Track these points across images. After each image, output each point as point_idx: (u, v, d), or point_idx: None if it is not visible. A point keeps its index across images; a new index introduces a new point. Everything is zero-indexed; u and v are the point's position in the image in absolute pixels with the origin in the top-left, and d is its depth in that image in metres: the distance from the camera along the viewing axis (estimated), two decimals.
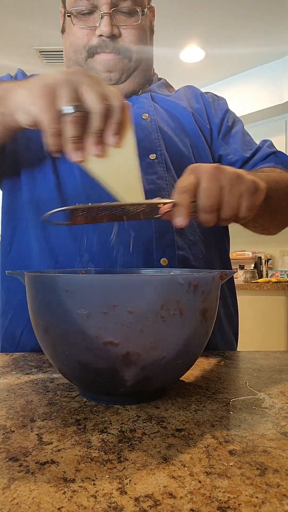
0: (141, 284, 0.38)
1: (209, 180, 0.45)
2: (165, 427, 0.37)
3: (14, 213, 0.76)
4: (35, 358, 0.64)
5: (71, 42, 0.75)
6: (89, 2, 0.71)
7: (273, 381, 0.51)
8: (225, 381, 0.51)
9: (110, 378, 0.40)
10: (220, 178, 0.46)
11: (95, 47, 0.73)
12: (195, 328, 0.41)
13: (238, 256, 3.66)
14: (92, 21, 0.72)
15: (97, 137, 0.45)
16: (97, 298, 0.37)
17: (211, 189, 0.45)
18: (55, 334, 0.41)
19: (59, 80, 0.43)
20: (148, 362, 0.39)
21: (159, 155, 0.73)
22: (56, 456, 0.32)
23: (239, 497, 0.26)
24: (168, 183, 0.72)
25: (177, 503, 0.26)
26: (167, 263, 0.68)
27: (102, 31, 0.71)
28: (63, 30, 0.79)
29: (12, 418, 0.39)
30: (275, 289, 2.89)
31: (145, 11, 0.74)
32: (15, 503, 0.26)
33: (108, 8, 0.70)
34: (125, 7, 0.71)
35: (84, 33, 0.73)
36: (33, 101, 0.44)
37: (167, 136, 0.76)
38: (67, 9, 0.74)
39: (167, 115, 0.80)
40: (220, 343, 0.76)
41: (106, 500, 0.26)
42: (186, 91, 0.89)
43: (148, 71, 0.81)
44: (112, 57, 0.73)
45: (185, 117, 0.81)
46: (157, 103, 0.80)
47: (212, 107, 0.86)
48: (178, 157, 0.75)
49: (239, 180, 0.46)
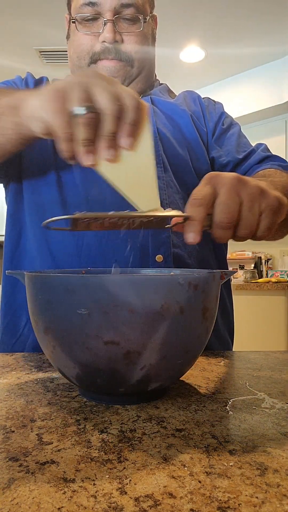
0: (142, 284, 0.37)
1: (228, 193, 0.41)
2: (165, 427, 0.37)
3: (19, 216, 0.77)
4: (35, 358, 0.64)
5: (75, 48, 0.77)
6: (93, 8, 0.73)
7: (273, 381, 0.51)
8: (225, 381, 0.51)
9: (110, 378, 0.40)
10: (240, 191, 0.41)
11: (98, 54, 0.74)
12: (195, 328, 0.41)
13: (238, 256, 3.66)
14: (96, 28, 0.74)
15: (109, 140, 0.42)
16: (97, 298, 0.37)
17: (230, 204, 0.40)
18: (55, 334, 0.41)
19: (70, 83, 0.42)
20: (148, 362, 0.39)
21: (157, 156, 0.74)
22: (56, 456, 0.32)
23: (239, 497, 0.26)
24: (165, 183, 0.73)
25: (177, 503, 0.26)
26: (162, 260, 0.69)
27: (105, 37, 0.73)
28: (68, 37, 0.81)
29: (12, 418, 0.39)
30: (275, 289, 2.89)
31: (147, 19, 0.76)
32: (15, 503, 0.26)
33: (112, 15, 0.72)
34: (128, 14, 0.73)
35: (88, 39, 0.75)
36: (44, 106, 0.42)
37: (165, 138, 0.77)
38: (72, 15, 0.76)
39: (166, 118, 0.81)
40: (215, 343, 0.76)
41: (106, 500, 0.26)
42: (185, 96, 0.90)
43: (150, 77, 0.83)
44: (115, 64, 0.75)
45: (184, 119, 0.82)
46: (156, 106, 0.82)
47: (207, 110, 0.87)
48: (176, 158, 0.77)
49: (262, 196, 0.42)
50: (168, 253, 0.69)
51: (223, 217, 0.41)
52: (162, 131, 0.77)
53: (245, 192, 0.41)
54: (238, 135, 0.85)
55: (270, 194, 0.43)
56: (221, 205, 0.41)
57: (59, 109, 0.41)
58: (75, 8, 0.75)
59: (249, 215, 0.41)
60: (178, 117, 0.82)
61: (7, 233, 0.79)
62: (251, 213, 0.41)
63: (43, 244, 0.73)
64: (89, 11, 0.73)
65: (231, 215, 0.41)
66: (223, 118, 0.87)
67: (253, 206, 0.41)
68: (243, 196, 0.41)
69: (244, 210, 0.41)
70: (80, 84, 0.41)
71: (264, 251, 3.64)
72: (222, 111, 0.89)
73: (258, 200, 0.42)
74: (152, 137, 0.44)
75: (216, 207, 0.41)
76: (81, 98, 0.40)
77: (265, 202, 0.42)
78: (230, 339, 0.84)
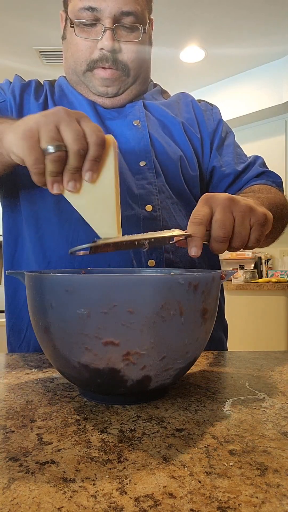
0: (141, 284, 0.38)
1: (223, 211, 0.47)
2: (165, 427, 0.37)
3: (16, 221, 0.78)
4: (35, 358, 0.64)
5: (72, 52, 0.76)
6: (93, 14, 0.71)
7: (273, 381, 0.51)
8: (225, 381, 0.51)
9: (110, 378, 0.40)
10: (233, 209, 0.48)
11: (95, 61, 0.74)
12: (195, 328, 0.41)
13: (238, 256, 3.66)
14: (95, 34, 0.73)
15: (72, 174, 0.47)
16: (97, 298, 0.37)
17: (225, 221, 0.47)
18: (55, 334, 0.41)
19: (40, 122, 0.46)
20: (148, 362, 0.39)
21: (149, 161, 0.75)
22: (56, 456, 0.32)
23: (239, 497, 0.26)
24: (157, 188, 0.74)
25: (177, 503, 0.26)
26: (155, 264, 0.70)
27: (104, 45, 0.72)
28: (64, 37, 0.79)
29: (12, 418, 0.39)
30: (275, 289, 2.89)
31: (146, 29, 0.75)
32: (15, 503, 0.26)
33: (111, 23, 0.71)
34: (128, 23, 0.72)
35: (86, 46, 0.74)
36: (18, 144, 0.47)
37: (158, 143, 0.78)
38: (70, 19, 0.74)
39: (158, 123, 0.81)
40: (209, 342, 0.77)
41: (106, 500, 0.26)
42: (179, 98, 0.90)
43: (145, 82, 0.83)
44: (110, 73, 0.74)
45: (175, 126, 0.82)
46: (149, 111, 0.82)
47: (205, 116, 0.87)
48: (167, 163, 0.77)
49: (251, 213, 0.49)
50: (161, 258, 0.70)
51: (220, 232, 0.47)
52: (154, 136, 0.78)
53: (237, 210, 0.48)
54: (234, 145, 0.87)
55: (258, 210, 0.50)
56: (218, 222, 0.47)
57: (31, 147, 0.46)
58: (73, 11, 0.73)
59: (241, 229, 0.48)
60: (169, 123, 0.82)
61: (5, 237, 0.79)
62: (243, 228, 0.48)
63: (37, 248, 0.73)
64: (88, 16, 0.71)
65: (226, 230, 0.47)
66: (221, 126, 0.87)
67: (244, 221, 0.48)
68: (235, 213, 0.48)
69: (237, 226, 0.48)
70: (49, 123, 0.46)
71: (264, 251, 3.64)
72: (219, 118, 0.89)
73: (248, 216, 0.49)
74: (115, 169, 0.49)
75: (213, 224, 0.47)
76: (51, 137, 0.45)
77: (254, 218, 0.49)
78: (224, 337, 0.84)
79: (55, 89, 0.82)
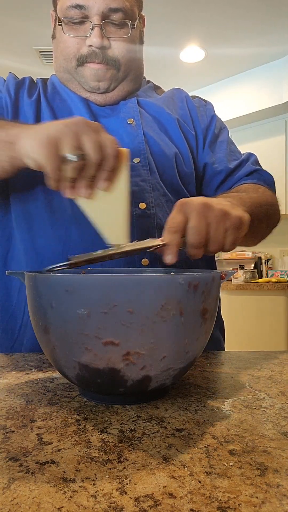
0: (141, 284, 0.38)
1: (197, 218, 0.48)
2: (165, 427, 0.37)
3: (7, 221, 0.77)
4: (35, 358, 0.64)
5: (61, 50, 0.76)
6: (81, 11, 0.71)
7: (273, 381, 0.51)
8: (225, 381, 0.51)
9: (110, 378, 0.40)
10: (207, 215, 0.48)
11: (85, 56, 0.74)
12: (195, 328, 0.41)
13: (238, 256, 3.66)
14: (83, 31, 0.73)
15: (88, 182, 0.50)
16: (97, 298, 0.37)
17: (199, 227, 0.48)
18: (55, 334, 0.41)
19: (62, 131, 0.48)
20: (148, 362, 0.39)
21: (143, 158, 0.75)
22: (56, 456, 0.32)
23: (239, 497, 0.26)
24: (151, 185, 0.74)
25: (177, 503, 0.26)
26: (148, 263, 0.70)
27: (92, 42, 0.72)
28: (54, 36, 0.79)
29: (12, 418, 0.39)
30: (275, 289, 2.89)
31: (135, 24, 0.75)
32: (15, 503, 0.26)
33: (99, 19, 0.71)
34: (116, 19, 0.72)
35: (74, 42, 0.74)
36: (38, 151, 0.49)
37: (152, 140, 0.77)
38: (59, 16, 0.74)
39: (153, 120, 0.81)
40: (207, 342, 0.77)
41: (106, 500, 0.26)
42: (173, 94, 0.89)
43: (137, 80, 0.83)
44: (101, 67, 0.74)
45: (171, 123, 0.82)
46: (143, 109, 0.82)
47: (198, 112, 0.87)
48: (162, 160, 0.77)
49: (225, 217, 0.49)
50: (154, 256, 0.70)
51: (195, 238, 0.48)
52: (149, 133, 0.78)
53: (211, 215, 0.48)
54: (227, 141, 0.86)
55: (232, 214, 0.50)
56: (192, 229, 0.48)
57: (52, 154, 0.48)
58: (62, 9, 0.73)
59: (216, 234, 0.49)
60: (164, 120, 0.82)
61: None
62: (217, 233, 0.49)
63: (29, 248, 0.73)
64: (76, 14, 0.71)
65: (201, 236, 0.48)
66: (214, 122, 0.87)
67: (219, 226, 0.49)
68: (209, 219, 0.48)
69: (212, 231, 0.49)
70: (71, 132, 0.48)
71: (264, 251, 3.64)
72: (213, 114, 0.89)
73: (223, 221, 0.49)
74: (127, 180, 0.52)
75: (188, 230, 0.48)
76: (73, 146, 0.48)
77: (228, 222, 0.50)
78: (221, 336, 0.84)
79: (48, 87, 0.82)
